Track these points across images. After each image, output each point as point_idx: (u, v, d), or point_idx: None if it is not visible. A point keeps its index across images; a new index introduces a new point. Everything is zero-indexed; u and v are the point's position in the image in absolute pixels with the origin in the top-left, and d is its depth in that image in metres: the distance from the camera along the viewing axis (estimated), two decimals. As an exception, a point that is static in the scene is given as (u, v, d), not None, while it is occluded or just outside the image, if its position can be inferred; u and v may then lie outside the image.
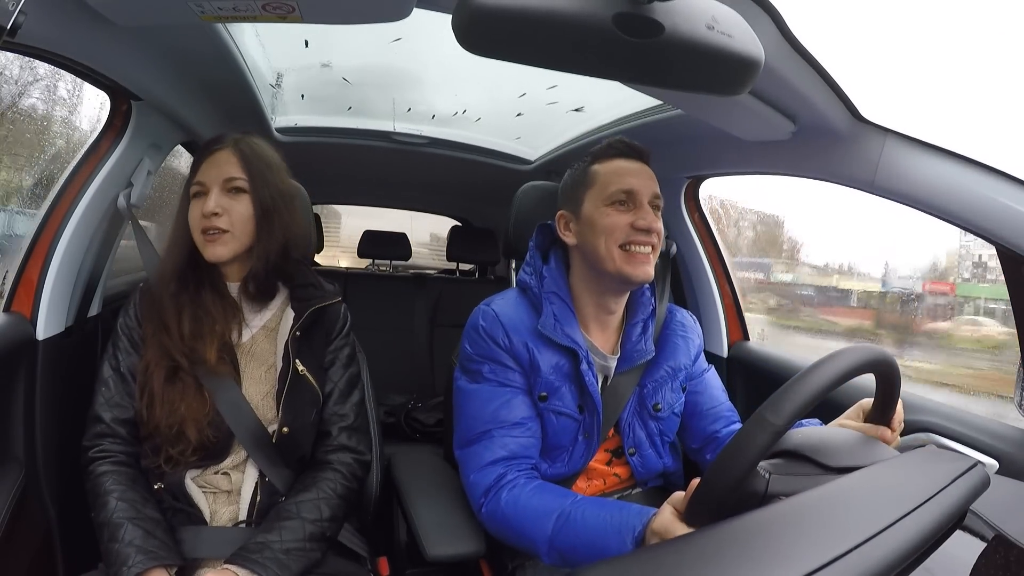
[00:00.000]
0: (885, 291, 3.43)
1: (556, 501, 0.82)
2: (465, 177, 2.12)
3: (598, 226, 0.91)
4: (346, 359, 1.03)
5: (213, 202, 0.91)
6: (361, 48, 1.30)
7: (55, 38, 0.76)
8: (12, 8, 0.50)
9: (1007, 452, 0.87)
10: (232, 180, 0.92)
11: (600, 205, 0.92)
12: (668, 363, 1.03)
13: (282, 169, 1.00)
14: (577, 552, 0.78)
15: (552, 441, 0.95)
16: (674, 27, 0.49)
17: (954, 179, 0.83)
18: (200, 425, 0.88)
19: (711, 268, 1.51)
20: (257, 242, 0.94)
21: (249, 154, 0.94)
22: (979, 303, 2.82)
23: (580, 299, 0.98)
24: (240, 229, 0.93)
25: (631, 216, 0.90)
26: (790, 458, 0.60)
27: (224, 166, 0.93)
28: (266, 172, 0.95)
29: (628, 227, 0.90)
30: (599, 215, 0.92)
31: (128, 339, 0.95)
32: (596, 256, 0.92)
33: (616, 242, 0.90)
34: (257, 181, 0.93)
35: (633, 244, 0.90)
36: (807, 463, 0.59)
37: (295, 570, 0.83)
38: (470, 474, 0.91)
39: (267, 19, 0.71)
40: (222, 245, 0.92)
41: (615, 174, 0.93)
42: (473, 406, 0.94)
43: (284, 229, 0.96)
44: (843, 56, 0.79)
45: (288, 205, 0.98)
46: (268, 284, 0.98)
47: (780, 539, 0.44)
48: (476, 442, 0.92)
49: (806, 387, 0.55)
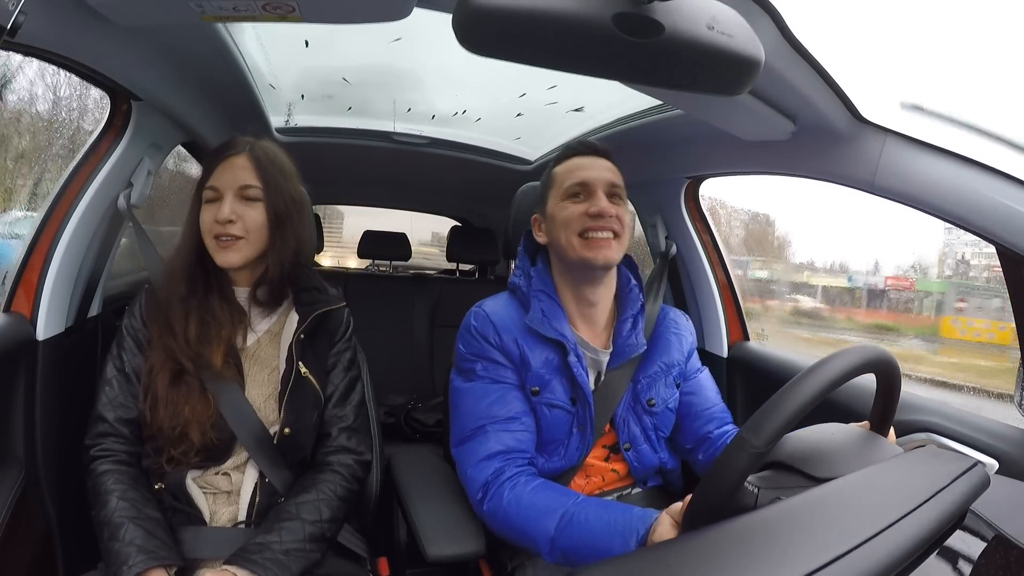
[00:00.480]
0: (851, 287, 3.79)
1: (559, 500, 0.83)
2: (465, 177, 2.12)
3: (558, 220, 0.97)
4: (347, 363, 1.04)
5: (228, 209, 0.90)
6: (361, 48, 1.30)
7: (55, 38, 0.76)
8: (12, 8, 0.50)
9: (1007, 452, 0.87)
10: (247, 188, 0.92)
11: (559, 200, 0.98)
12: (661, 359, 1.05)
13: (293, 175, 0.99)
14: (580, 552, 0.78)
15: (547, 435, 0.96)
16: (674, 27, 0.49)
17: (954, 179, 0.83)
18: (204, 427, 0.88)
19: (711, 268, 1.51)
20: (271, 250, 0.94)
21: (264, 161, 0.94)
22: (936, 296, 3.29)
23: (563, 296, 1.01)
24: (254, 236, 0.92)
25: (586, 205, 0.95)
26: (779, 469, 0.60)
27: (239, 172, 0.92)
28: (280, 179, 0.94)
29: (583, 215, 0.94)
30: (558, 210, 0.97)
31: (133, 340, 0.94)
32: (561, 248, 0.97)
33: (574, 231, 0.94)
34: (272, 189, 0.93)
35: (590, 231, 0.94)
36: (796, 474, 0.59)
37: (295, 571, 0.83)
38: (467, 469, 0.92)
39: (267, 19, 0.71)
40: (235, 252, 0.91)
41: (569, 171, 0.99)
42: (467, 403, 0.96)
43: (297, 236, 0.96)
44: (843, 56, 0.79)
45: (300, 212, 0.97)
46: (279, 291, 0.98)
47: (780, 539, 0.44)
48: (471, 438, 0.93)
49: (787, 406, 0.54)
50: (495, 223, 2.53)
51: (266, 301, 0.97)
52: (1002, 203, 0.79)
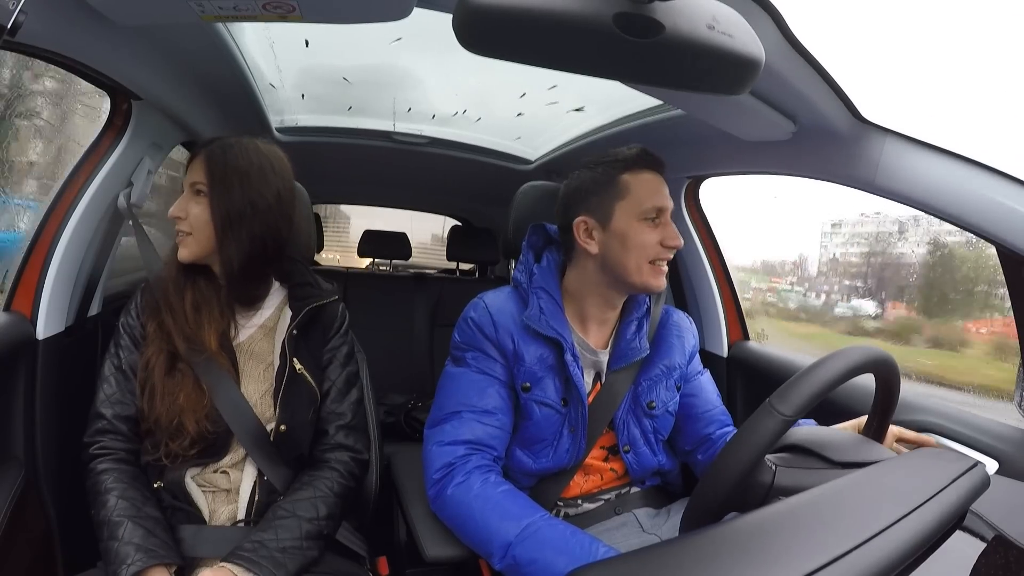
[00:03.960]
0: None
1: (527, 511, 0.84)
2: (465, 177, 2.12)
3: (631, 241, 0.92)
4: (344, 358, 1.03)
5: (178, 205, 0.93)
6: (361, 48, 1.30)
7: (55, 38, 0.76)
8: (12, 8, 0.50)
9: (1007, 452, 0.87)
10: (195, 184, 0.93)
11: (633, 220, 0.93)
12: (663, 362, 1.04)
13: (265, 175, 0.94)
14: (532, 566, 0.78)
15: (534, 432, 0.96)
16: (674, 27, 0.49)
17: (954, 179, 0.83)
18: (198, 416, 0.88)
19: (711, 268, 1.51)
20: (220, 249, 0.93)
21: (218, 159, 0.92)
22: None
23: (583, 300, 1.00)
24: (199, 233, 0.92)
25: (660, 233, 0.93)
26: (796, 452, 0.61)
27: (194, 170, 0.93)
28: (232, 179, 0.91)
29: (658, 245, 0.93)
30: (633, 231, 0.92)
31: (130, 337, 0.95)
32: (623, 268, 0.93)
33: (647, 258, 0.93)
34: (218, 188, 0.91)
35: (660, 260, 0.93)
36: (813, 457, 0.59)
37: (291, 569, 0.83)
38: (432, 448, 0.93)
39: (267, 19, 0.71)
40: (184, 247, 0.93)
41: (648, 190, 0.94)
42: (451, 388, 0.97)
43: (255, 238, 0.93)
44: (843, 56, 0.79)
45: (263, 215, 0.93)
46: (245, 289, 0.97)
47: (780, 539, 0.44)
48: (446, 421, 0.94)
49: (815, 379, 0.56)
50: (495, 223, 2.53)
51: (238, 297, 0.97)
52: (1002, 203, 0.79)
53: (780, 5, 0.67)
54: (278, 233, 0.96)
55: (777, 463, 0.58)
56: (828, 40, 0.76)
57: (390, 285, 2.31)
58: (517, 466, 0.97)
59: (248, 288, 0.97)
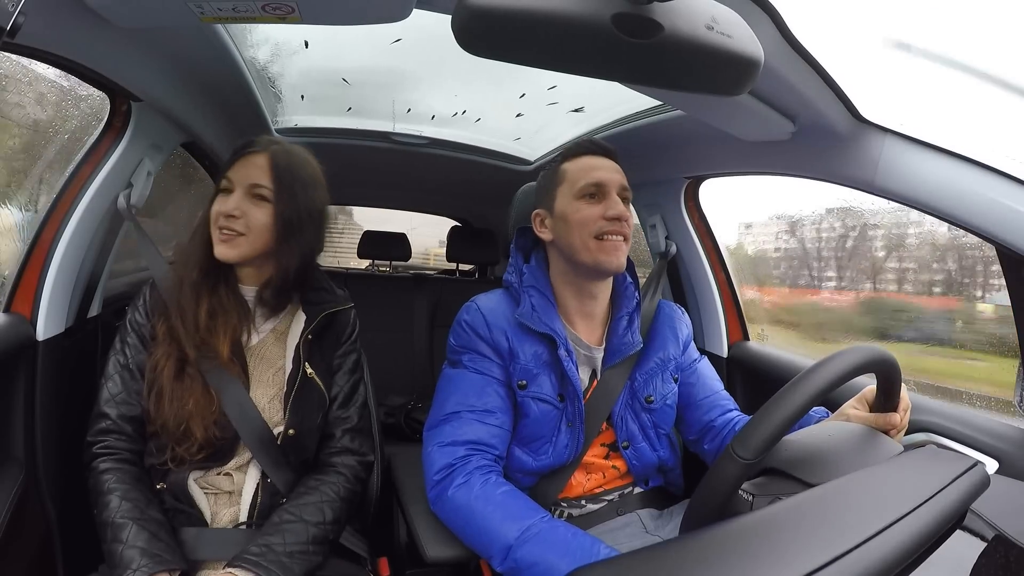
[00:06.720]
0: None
1: (529, 512, 0.83)
2: (465, 178, 2.12)
3: (572, 220, 0.95)
4: (352, 365, 1.04)
5: (233, 203, 0.90)
6: (361, 49, 1.30)
7: (55, 39, 0.76)
8: (12, 8, 0.50)
9: (1007, 452, 0.87)
10: (258, 187, 0.91)
11: (572, 200, 0.96)
12: (658, 354, 1.05)
13: (318, 187, 0.97)
14: (533, 568, 0.77)
15: (533, 429, 0.96)
16: (673, 27, 0.49)
17: (954, 179, 0.83)
18: (207, 423, 0.88)
19: (711, 268, 1.51)
20: (276, 255, 0.93)
21: (283, 165, 0.92)
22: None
23: (562, 293, 1.01)
24: (255, 236, 0.91)
25: (602, 207, 0.94)
26: (774, 476, 0.60)
27: (254, 170, 0.92)
28: (296, 187, 0.92)
29: (600, 218, 0.94)
30: (571, 209, 0.96)
31: (137, 335, 0.94)
32: (572, 248, 0.95)
33: (591, 233, 0.94)
34: (283, 194, 0.91)
35: (607, 234, 0.94)
36: (790, 480, 0.59)
37: (298, 573, 0.83)
38: (432, 449, 0.92)
39: (267, 20, 0.71)
40: (232, 247, 0.91)
41: (583, 169, 0.98)
42: (449, 390, 0.97)
43: (306, 248, 0.94)
44: (843, 56, 0.79)
45: (316, 225, 0.96)
46: (285, 295, 0.97)
47: (780, 539, 0.44)
48: (446, 422, 0.94)
49: (774, 417, 0.56)
50: (495, 223, 2.53)
51: (272, 303, 0.97)
52: (1002, 203, 0.79)
53: (779, 5, 0.67)
54: (321, 243, 0.98)
55: (754, 492, 0.58)
56: (828, 40, 0.76)
57: (390, 286, 2.31)
58: (517, 465, 0.97)
59: (288, 295, 0.97)
